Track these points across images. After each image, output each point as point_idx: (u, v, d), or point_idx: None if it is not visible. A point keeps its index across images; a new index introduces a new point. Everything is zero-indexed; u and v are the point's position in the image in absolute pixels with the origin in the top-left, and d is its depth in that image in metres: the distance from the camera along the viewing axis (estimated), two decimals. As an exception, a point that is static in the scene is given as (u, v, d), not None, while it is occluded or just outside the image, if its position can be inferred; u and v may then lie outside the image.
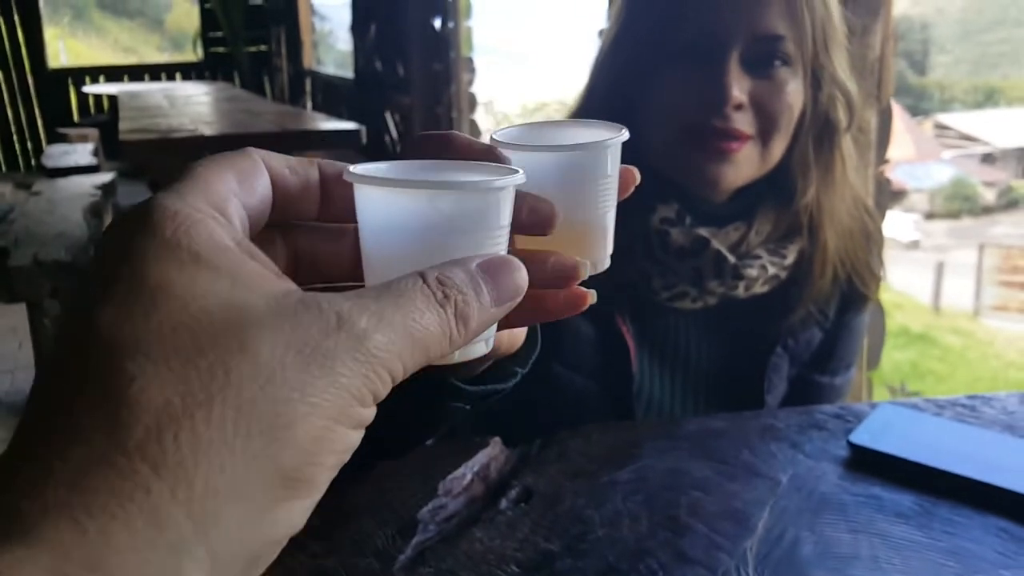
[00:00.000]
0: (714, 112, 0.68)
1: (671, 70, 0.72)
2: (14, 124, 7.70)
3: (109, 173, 4.11)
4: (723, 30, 0.69)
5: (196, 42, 8.42)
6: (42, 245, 2.62)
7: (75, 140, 6.54)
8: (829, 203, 0.76)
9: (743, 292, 0.76)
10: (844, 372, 0.86)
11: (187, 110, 3.47)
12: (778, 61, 0.71)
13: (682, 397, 0.78)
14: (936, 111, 39.90)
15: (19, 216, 3.09)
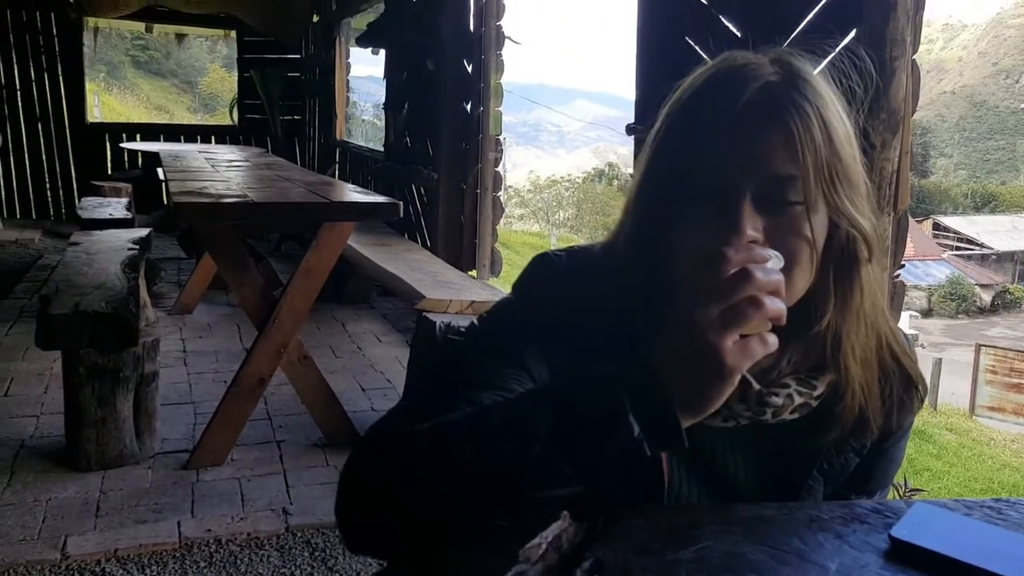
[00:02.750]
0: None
1: (688, 213, 0.75)
2: (48, 174, 7.92)
3: (144, 228, 4.23)
4: (735, 173, 0.72)
5: (233, 108, 8.71)
6: (82, 295, 2.71)
7: (109, 193, 6.71)
8: (850, 333, 0.78)
9: (771, 418, 0.78)
10: (881, 492, 0.88)
11: (229, 174, 3.61)
12: (791, 199, 0.73)
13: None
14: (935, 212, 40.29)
15: (60, 266, 3.18)
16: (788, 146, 0.72)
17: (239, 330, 4.31)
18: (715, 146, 0.74)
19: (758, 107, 0.74)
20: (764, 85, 0.75)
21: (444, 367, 0.84)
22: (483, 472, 0.66)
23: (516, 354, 0.79)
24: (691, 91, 0.79)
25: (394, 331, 4.44)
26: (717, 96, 0.76)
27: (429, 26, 4.55)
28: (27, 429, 2.89)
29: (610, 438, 0.62)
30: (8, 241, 6.59)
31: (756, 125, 0.74)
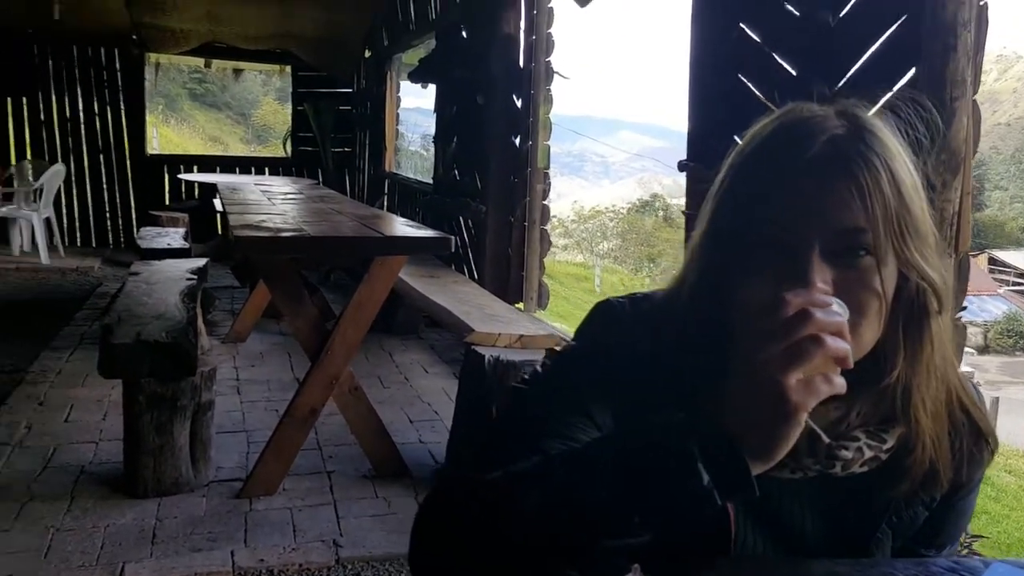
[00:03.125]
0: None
1: (755, 266, 0.75)
2: (109, 204, 8.19)
3: (201, 259, 4.35)
4: (803, 226, 0.73)
5: (286, 141, 8.93)
6: (143, 325, 2.79)
7: (166, 223, 6.91)
8: (920, 386, 0.77)
9: (840, 471, 0.77)
10: (951, 546, 0.86)
11: (284, 207, 3.70)
12: (861, 251, 0.73)
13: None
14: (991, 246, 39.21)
15: (121, 295, 3.28)
16: (857, 199, 0.72)
17: (290, 359, 4.38)
18: (782, 199, 0.75)
19: (825, 160, 0.74)
20: (831, 138, 0.75)
21: (510, 415, 0.85)
22: (552, 521, 0.66)
23: (580, 402, 0.80)
24: (756, 143, 0.80)
25: (441, 362, 4.47)
26: (783, 149, 0.77)
27: (479, 62, 4.63)
28: (87, 455, 2.97)
29: (679, 486, 0.62)
30: (69, 269, 6.81)
31: (824, 178, 0.74)
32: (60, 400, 3.53)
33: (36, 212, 6.93)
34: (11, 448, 2.98)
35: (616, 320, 0.87)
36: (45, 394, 3.60)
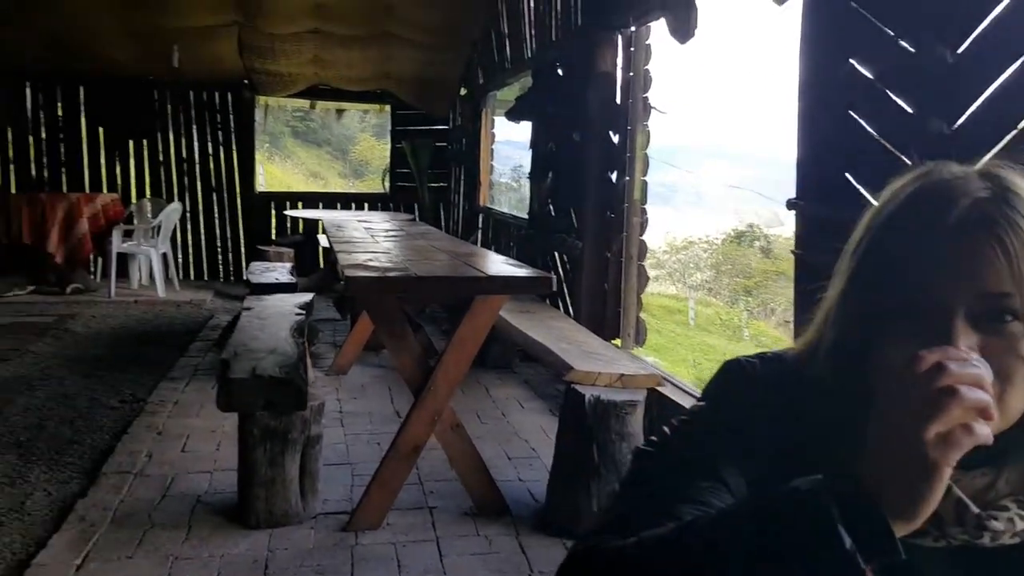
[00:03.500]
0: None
1: (894, 328, 0.73)
2: (220, 239, 8.62)
3: (308, 294, 4.51)
4: (947, 290, 0.71)
5: (385, 177, 9.21)
6: (258, 360, 2.91)
7: (273, 258, 7.21)
8: None
9: (989, 542, 0.74)
10: None
11: (387, 244, 3.81)
12: (1008, 317, 0.70)
13: None
14: None
15: (236, 330, 3.44)
16: (1003, 262, 0.71)
17: (390, 392, 4.48)
18: (925, 263, 0.73)
19: (970, 224, 0.73)
20: (975, 202, 0.74)
21: (639, 478, 0.85)
22: None
23: (712, 466, 0.80)
24: (895, 205, 0.79)
25: (537, 397, 4.48)
26: (925, 212, 0.76)
27: (575, 99, 4.68)
28: (202, 485, 3.10)
29: (820, 550, 0.61)
30: (183, 301, 7.18)
31: (969, 242, 0.72)
32: (177, 430, 3.71)
33: (154, 248, 7.35)
34: (133, 477, 3.14)
35: (747, 380, 0.86)
36: (163, 424, 3.79)
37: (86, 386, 4.46)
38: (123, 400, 4.22)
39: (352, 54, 7.70)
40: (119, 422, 3.85)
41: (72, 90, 8.13)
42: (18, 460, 3.33)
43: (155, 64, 7.75)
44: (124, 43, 7.35)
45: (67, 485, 3.10)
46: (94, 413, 3.99)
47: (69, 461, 3.34)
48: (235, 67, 7.86)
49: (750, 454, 0.80)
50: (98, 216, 7.23)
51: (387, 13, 6.84)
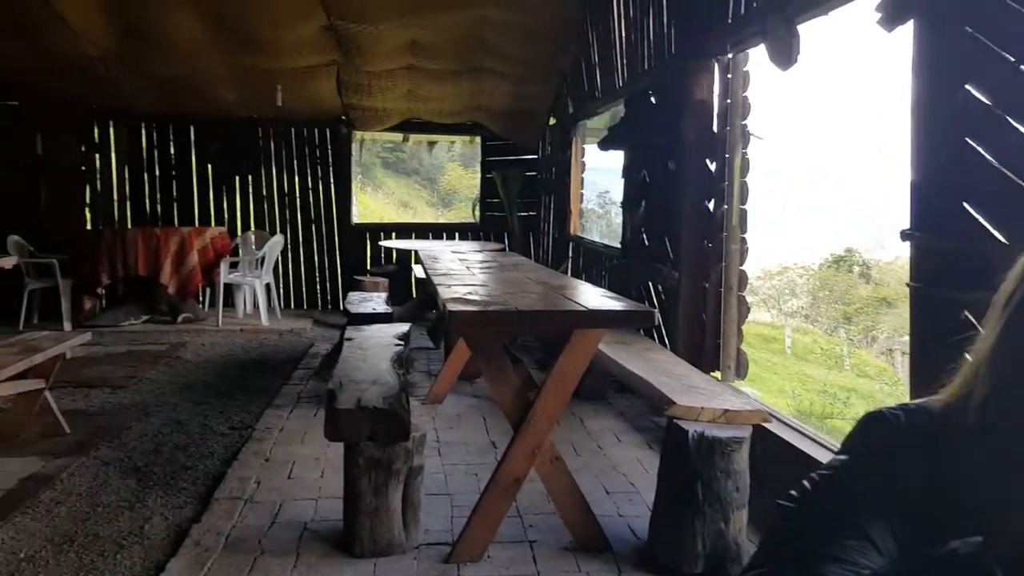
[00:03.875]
0: None
1: None
2: (318, 270, 8.92)
3: (404, 324, 4.60)
4: None
5: (475, 207, 9.35)
6: (362, 391, 2.99)
7: (368, 287, 7.40)
8: None
9: None
10: None
11: (483, 276, 3.85)
12: None
13: None
14: None
15: (340, 361, 3.54)
16: None
17: (485, 422, 4.51)
18: None
19: None
20: None
21: (781, 537, 0.83)
22: None
23: (858, 523, 0.77)
24: None
25: (633, 430, 4.42)
26: None
27: (670, 128, 4.65)
28: (308, 512, 3.18)
29: None
30: (285, 330, 7.43)
31: None
32: (284, 457, 3.83)
33: (258, 279, 7.66)
34: (243, 503, 3.25)
35: (891, 432, 0.83)
36: (270, 451, 3.92)
37: (197, 412, 4.66)
38: (232, 427, 4.38)
39: (445, 88, 7.88)
40: (229, 448, 4.00)
41: (183, 130, 8.61)
42: (137, 485, 3.49)
43: (260, 103, 8.12)
44: (232, 85, 7.74)
45: (182, 510, 3.23)
46: (206, 439, 4.16)
47: (183, 486, 3.48)
48: (333, 104, 8.17)
49: (898, 509, 0.78)
50: (207, 249, 7.58)
51: (481, 48, 6.97)
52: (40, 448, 3.92)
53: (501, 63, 7.31)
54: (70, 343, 4.16)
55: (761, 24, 3.66)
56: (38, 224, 8.01)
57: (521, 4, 6.27)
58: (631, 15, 5.65)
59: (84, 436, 4.13)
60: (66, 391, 4.98)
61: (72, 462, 3.73)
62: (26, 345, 4.05)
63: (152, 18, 6.42)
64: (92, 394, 5.02)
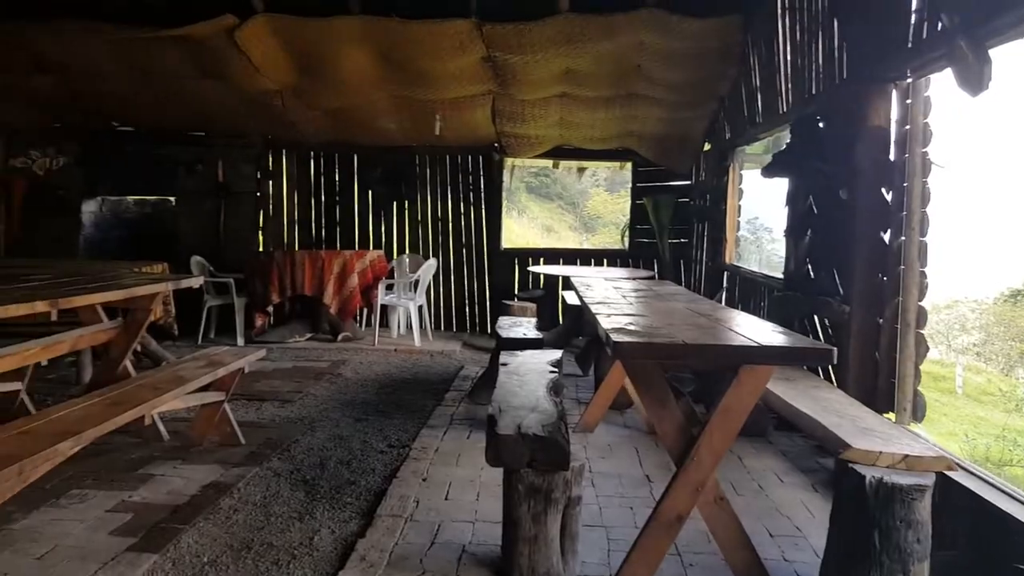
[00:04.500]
0: None
1: None
2: (467, 294, 9.13)
3: (556, 351, 4.61)
4: None
5: (624, 233, 9.29)
6: (521, 418, 3.00)
7: (517, 312, 7.49)
8: None
9: None
10: None
11: (641, 306, 3.80)
12: None
13: None
14: None
15: (498, 386, 3.58)
16: None
17: (638, 453, 4.43)
18: None
19: None
20: None
21: None
22: None
23: None
24: None
25: (796, 471, 4.20)
26: None
27: (841, 155, 4.43)
28: (466, 535, 3.23)
29: None
30: (436, 351, 7.64)
31: None
32: (440, 477, 3.91)
33: (412, 301, 7.93)
34: (404, 521, 3.34)
35: None
36: (427, 471, 4.01)
37: (358, 429, 4.85)
38: (390, 444, 4.53)
39: (596, 115, 7.90)
40: (388, 466, 4.13)
41: (348, 158, 9.10)
42: (305, 497, 3.67)
43: (418, 132, 8.46)
44: (393, 115, 8.10)
45: (347, 524, 3.35)
46: (366, 455, 4.32)
47: (348, 501, 3.62)
48: (487, 131, 8.38)
49: None
50: (366, 271, 7.94)
51: (635, 74, 6.95)
52: (218, 456, 4.20)
53: (655, 88, 7.25)
54: (248, 359, 4.45)
55: (947, 48, 3.43)
56: (218, 246, 8.69)
57: (679, 29, 6.19)
58: (797, 38, 5.46)
59: (257, 447, 4.39)
60: (240, 403, 5.32)
61: (247, 472, 3.97)
62: (210, 360, 4.37)
63: (327, 56, 6.83)
64: (263, 407, 5.34)
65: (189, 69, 7.16)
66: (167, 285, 4.42)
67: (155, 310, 4.46)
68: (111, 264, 6.83)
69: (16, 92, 7.77)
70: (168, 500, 3.55)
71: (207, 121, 8.47)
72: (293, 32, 6.59)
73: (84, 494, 3.59)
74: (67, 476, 3.76)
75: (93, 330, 4.26)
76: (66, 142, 8.73)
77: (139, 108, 8.15)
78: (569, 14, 6.18)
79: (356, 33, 6.55)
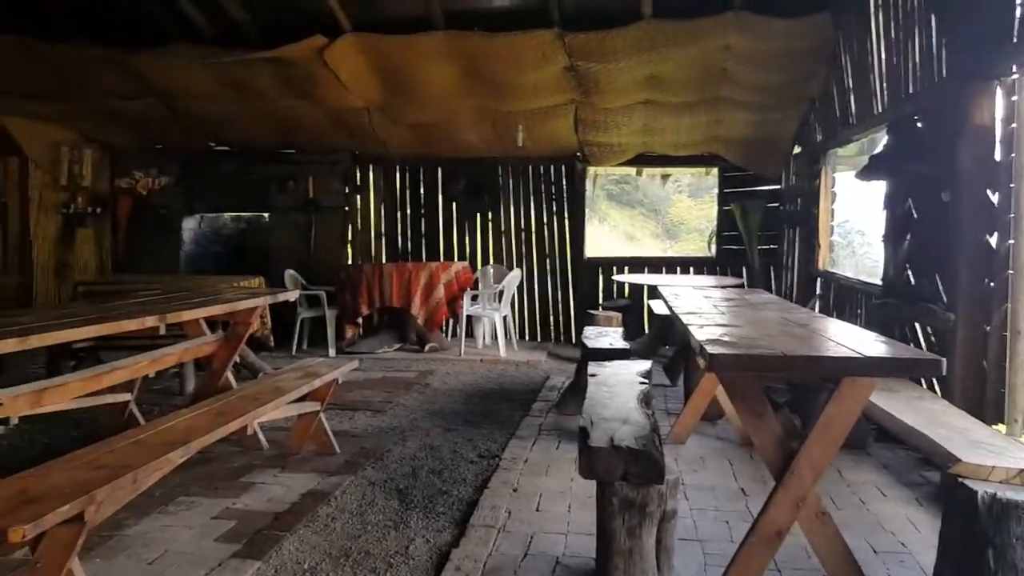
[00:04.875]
0: None
1: None
2: (551, 304, 9.13)
3: (645, 361, 4.56)
4: None
5: (711, 240, 9.13)
6: (614, 430, 2.98)
7: (602, 322, 7.45)
8: None
9: None
10: None
11: (734, 316, 3.72)
12: None
13: None
14: None
15: (588, 398, 3.57)
16: None
17: (731, 466, 4.34)
18: None
19: None
20: None
21: None
22: None
23: None
24: None
25: (899, 485, 4.03)
26: None
27: (942, 156, 4.25)
28: (559, 546, 3.22)
29: None
30: (521, 361, 7.67)
31: None
32: (531, 488, 3.92)
33: (497, 311, 7.99)
34: (497, 532, 3.36)
35: None
36: (518, 481, 4.03)
37: (447, 439, 4.91)
38: (480, 455, 4.57)
39: (681, 120, 7.81)
40: (479, 476, 4.17)
41: (432, 171, 9.25)
42: (400, 506, 3.73)
43: (501, 144, 8.53)
44: (476, 127, 8.21)
45: (441, 534, 3.40)
46: (457, 465, 4.37)
47: (441, 511, 3.67)
48: (569, 141, 8.39)
49: None
50: (452, 283, 8.05)
51: (721, 77, 6.84)
52: (315, 465, 4.32)
53: (742, 92, 7.12)
54: (342, 370, 4.58)
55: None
56: (308, 259, 8.96)
57: (766, 30, 6.07)
58: (892, 35, 5.27)
59: (351, 456, 4.50)
60: (334, 412, 5.46)
61: (343, 480, 4.07)
62: (306, 371, 4.51)
63: (412, 72, 6.99)
64: (355, 416, 5.47)
65: (281, 89, 7.43)
66: (266, 299, 4.59)
67: (254, 323, 4.63)
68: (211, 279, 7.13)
69: (122, 116, 8.23)
70: (269, 507, 3.67)
71: (297, 139, 8.77)
72: (379, 50, 6.77)
73: (191, 501, 3.75)
74: (174, 484, 3.93)
75: (198, 343, 4.46)
76: (167, 162, 9.18)
77: (234, 128, 8.51)
78: (652, 20, 6.14)
79: (440, 48, 6.67)
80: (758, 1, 5.95)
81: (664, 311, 6.17)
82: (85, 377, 3.72)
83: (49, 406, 3.56)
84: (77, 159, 8.81)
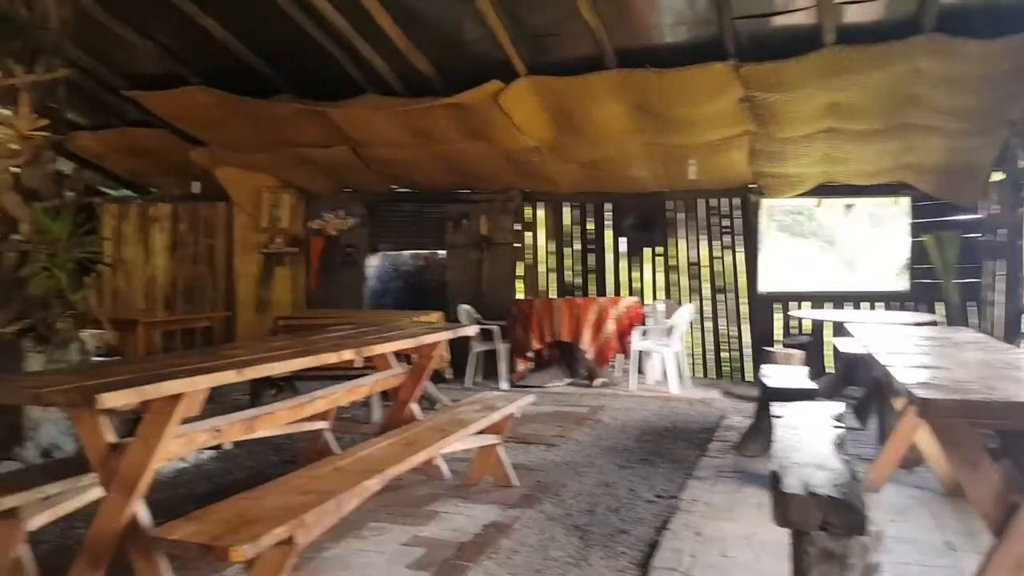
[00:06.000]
0: None
1: None
2: (725, 340, 8.87)
3: (838, 404, 4.32)
4: None
5: (902, 273, 8.56)
6: (808, 476, 2.84)
7: (780, 360, 7.16)
8: None
9: None
10: None
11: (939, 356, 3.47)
12: None
13: None
14: None
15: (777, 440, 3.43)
16: None
17: (934, 518, 4.00)
18: None
19: None
20: None
21: None
22: None
23: None
24: None
25: None
26: None
27: None
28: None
29: None
30: (694, 399, 7.49)
31: None
32: (713, 532, 3.80)
33: (668, 347, 7.87)
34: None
35: None
36: (700, 525, 3.91)
37: (623, 476, 4.86)
38: (657, 495, 4.49)
39: (866, 148, 7.41)
40: (658, 516, 4.09)
41: (600, 207, 9.31)
42: (579, 542, 3.73)
43: (671, 178, 8.46)
44: (646, 163, 8.19)
45: (623, 574, 3.36)
46: (634, 504, 4.31)
47: (622, 550, 3.63)
48: (742, 173, 8.18)
49: None
50: (622, 318, 8.02)
51: (910, 102, 6.45)
52: (495, 497, 4.42)
53: (934, 117, 6.67)
54: (519, 403, 4.67)
55: None
56: (480, 294, 9.25)
57: (962, 53, 5.68)
58: (1117, 48, 4.77)
59: (529, 489, 4.56)
60: (509, 445, 5.55)
61: (522, 513, 4.13)
62: (486, 404, 4.64)
63: (583, 110, 7.11)
64: (530, 450, 5.55)
65: (458, 133, 7.79)
66: (449, 334, 4.78)
67: (437, 357, 4.83)
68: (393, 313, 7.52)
69: (316, 163, 8.93)
70: (454, 537, 3.78)
71: (471, 179, 9.12)
72: (551, 91, 6.95)
73: (381, 527, 3.93)
74: (367, 509, 4.13)
75: (388, 375, 4.70)
76: (353, 204, 9.82)
77: (415, 170, 8.99)
78: (834, 47, 5.91)
79: (611, 86, 6.75)
80: (952, 23, 5.59)
81: (850, 349, 5.84)
82: (290, 406, 4.01)
83: (259, 432, 3.87)
84: (276, 203, 9.64)
